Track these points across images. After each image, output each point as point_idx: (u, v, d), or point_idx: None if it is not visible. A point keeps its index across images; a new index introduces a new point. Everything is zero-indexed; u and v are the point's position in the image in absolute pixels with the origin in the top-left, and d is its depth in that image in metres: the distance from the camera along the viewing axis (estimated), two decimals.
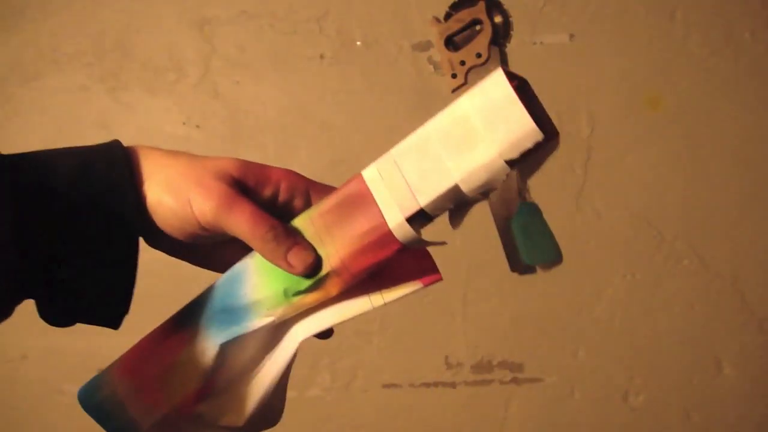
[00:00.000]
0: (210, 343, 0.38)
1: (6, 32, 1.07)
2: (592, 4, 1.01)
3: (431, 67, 1.03)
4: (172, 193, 0.38)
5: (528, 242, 1.00)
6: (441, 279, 0.37)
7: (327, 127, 1.03)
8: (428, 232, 0.36)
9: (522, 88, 0.32)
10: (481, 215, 1.00)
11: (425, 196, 0.34)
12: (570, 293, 1.02)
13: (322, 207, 0.37)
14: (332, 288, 0.36)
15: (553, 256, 1.01)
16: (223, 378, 0.38)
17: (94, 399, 0.37)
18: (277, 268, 0.37)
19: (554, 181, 1.01)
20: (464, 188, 0.33)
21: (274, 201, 0.39)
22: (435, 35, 1.02)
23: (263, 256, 0.37)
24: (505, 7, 1.02)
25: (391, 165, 0.34)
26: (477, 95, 0.33)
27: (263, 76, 1.05)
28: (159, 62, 1.06)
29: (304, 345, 0.38)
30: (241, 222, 0.36)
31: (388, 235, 0.34)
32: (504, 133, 0.32)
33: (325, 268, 0.36)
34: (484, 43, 1.01)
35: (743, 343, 1.01)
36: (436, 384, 1.04)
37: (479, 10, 1.01)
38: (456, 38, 1.02)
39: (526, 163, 0.32)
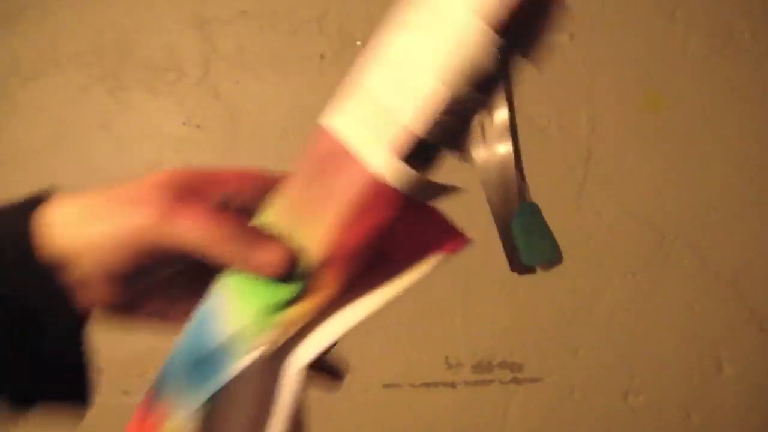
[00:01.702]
0: (188, 410, 0.29)
1: (6, 32, 1.07)
2: (592, 4, 1.01)
3: None
4: (97, 223, 0.29)
5: (528, 242, 1.00)
6: (469, 242, 0.30)
7: None
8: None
9: None
10: (481, 215, 1.00)
11: (407, 113, 0.25)
12: (570, 293, 1.02)
13: (288, 192, 0.29)
14: (327, 285, 0.28)
15: (553, 256, 1.01)
16: None
17: None
18: (251, 284, 0.29)
19: (554, 181, 1.01)
20: (449, 78, 0.25)
21: (226, 207, 0.31)
22: None
23: (226, 261, 0.29)
24: None
25: (357, 97, 0.27)
26: None
27: (263, 76, 1.05)
28: (159, 62, 1.06)
29: None
30: (190, 227, 0.29)
31: (377, 182, 0.26)
32: None
33: (311, 261, 0.28)
34: None
35: (743, 343, 1.01)
36: (436, 384, 1.04)
37: None
38: None
39: (523, 30, 0.25)
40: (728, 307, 1.01)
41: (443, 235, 0.29)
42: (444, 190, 0.28)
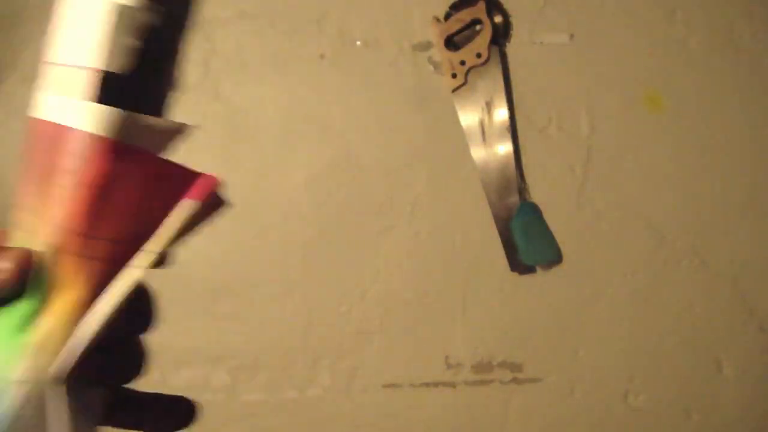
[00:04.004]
0: None
1: (6, 32, 1.07)
2: (592, 4, 1.01)
3: (431, 67, 1.03)
4: None
5: (528, 242, 1.00)
6: (217, 181, 0.26)
7: (327, 127, 1.03)
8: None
9: None
10: (480, 215, 1.00)
11: (80, 55, 0.24)
12: (570, 293, 1.02)
13: (23, 200, 0.27)
14: (71, 273, 0.24)
15: (553, 256, 1.01)
16: None
17: None
18: None
19: (554, 181, 1.01)
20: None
21: None
22: (435, 35, 1.02)
23: None
24: (505, 7, 1.02)
25: (45, 78, 0.25)
26: None
27: (263, 77, 1.05)
28: None
29: (300, 344, 0.37)
30: None
31: (85, 138, 0.24)
32: None
33: (47, 257, 0.25)
34: (484, 43, 1.01)
35: (743, 343, 1.01)
36: (436, 384, 1.04)
37: (479, 10, 1.01)
38: (456, 38, 1.02)
39: None
40: (728, 307, 1.01)
41: (186, 182, 0.26)
42: (164, 129, 0.25)
